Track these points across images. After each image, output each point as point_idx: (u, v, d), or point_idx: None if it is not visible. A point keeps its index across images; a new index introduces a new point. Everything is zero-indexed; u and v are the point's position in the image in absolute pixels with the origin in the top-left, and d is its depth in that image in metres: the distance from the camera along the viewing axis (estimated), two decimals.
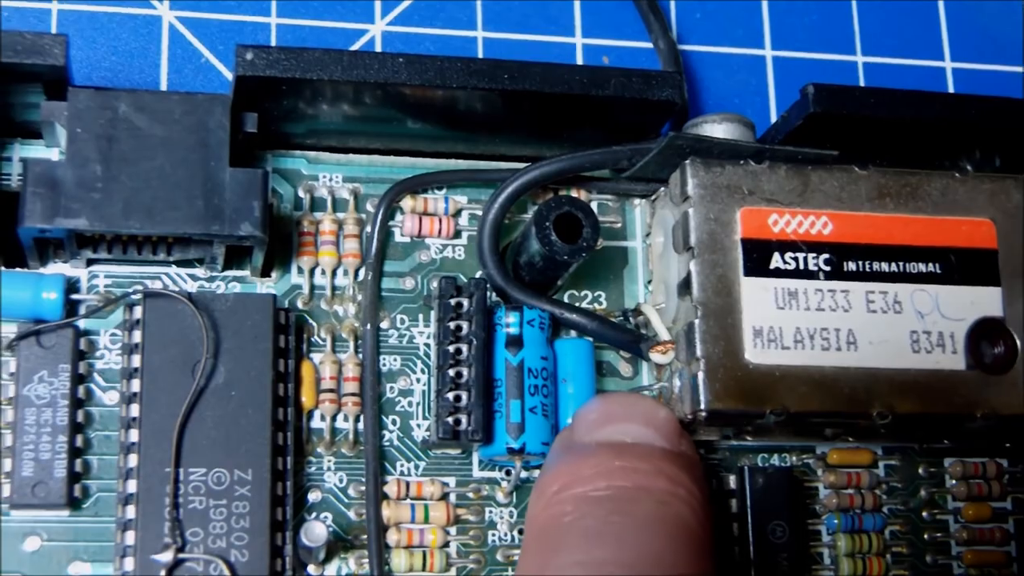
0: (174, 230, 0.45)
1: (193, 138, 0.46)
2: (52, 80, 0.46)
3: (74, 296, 0.48)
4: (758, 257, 0.48)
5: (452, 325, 0.49)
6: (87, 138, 0.45)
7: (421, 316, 0.51)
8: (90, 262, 0.49)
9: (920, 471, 0.54)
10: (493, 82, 0.48)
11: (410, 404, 0.50)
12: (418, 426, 0.50)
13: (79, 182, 0.45)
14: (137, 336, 0.47)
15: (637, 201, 0.53)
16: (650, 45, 0.56)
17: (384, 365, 0.50)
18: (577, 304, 0.52)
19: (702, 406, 0.47)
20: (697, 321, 0.47)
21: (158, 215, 0.45)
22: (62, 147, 0.46)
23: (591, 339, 0.51)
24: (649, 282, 0.53)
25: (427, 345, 0.51)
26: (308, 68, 0.46)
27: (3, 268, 0.48)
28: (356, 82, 0.47)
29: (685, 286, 0.48)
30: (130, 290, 0.48)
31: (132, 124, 0.46)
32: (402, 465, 0.50)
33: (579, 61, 0.57)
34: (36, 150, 0.49)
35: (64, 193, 0.44)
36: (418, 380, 0.50)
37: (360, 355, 0.50)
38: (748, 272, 0.48)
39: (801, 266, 0.49)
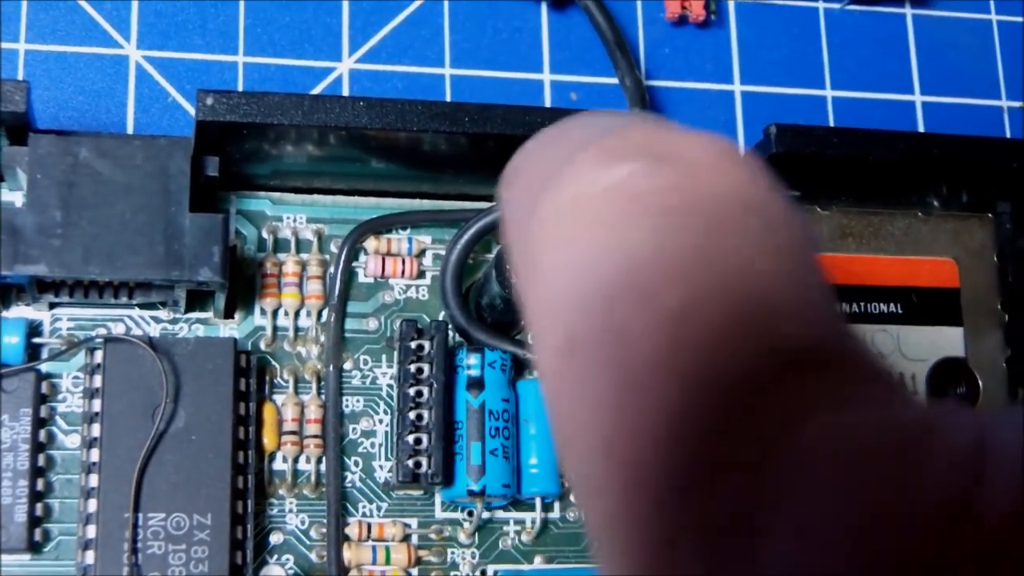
0: (134, 276, 0.46)
1: (154, 183, 0.46)
2: (13, 126, 0.46)
3: (36, 340, 0.48)
4: None
5: (413, 368, 0.49)
6: (48, 184, 0.45)
7: (384, 357, 0.51)
8: (52, 305, 0.49)
9: None
10: (455, 125, 0.48)
11: (373, 445, 0.50)
12: (380, 467, 0.50)
13: (39, 228, 0.45)
14: (98, 380, 0.47)
15: None
16: (618, 81, 0.56)
17: (347, 406, 0.50)
18: None
19: None
20: None
21: (118, 260, 0.45)
22: (24, 190, 0.46)
23: None
24: None
25: (390, 386, 0.51)
26: (269, 113, 0.46)
27: None
28: (318, 126, 0.47)
29: None
30: (91, 335, 0.49)
31: (93, 169, 0.46)
32: (364, 506, 0.50)
33: (547, 97, 0.57)
34: (1, 193, 0.50)
35: (24, 240, 0.45)
36: (381, 421, 0.50)
37: (323, 396, 0.50)
38: None
39: None
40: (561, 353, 0.26)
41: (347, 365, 0.51)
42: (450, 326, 0.51)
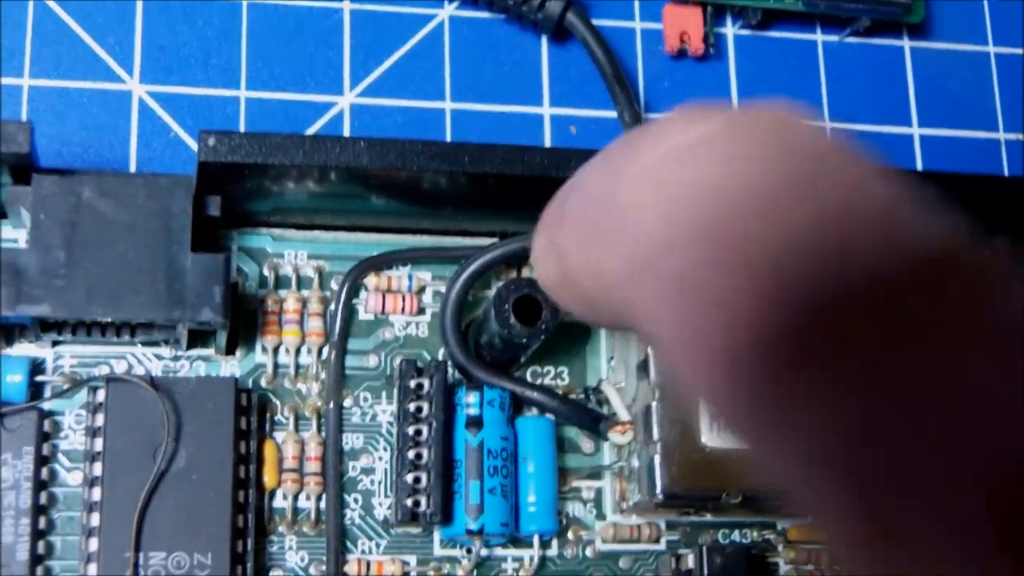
0: (136, 316, 0.46)
1: (156, 223, 0.47)
2: (17, 165, 0.46)
3: (39, 378, 0.49)
4: None
5: (412, 406, 0.49)
6: (51, 224, 0.46)
7: (384, 394, 0.51)
8: (56, 342, 0.49)
9: None
10: (454, 164, 0.48)
11: (372, 482, 0.51)
12: (380, 504, 0.50)
13: (42, 269, 0.45)
14: (100, 419, 0.47)
15: None
16: (617, 115, 0.56)
17: (347, 443, 0.51)
18: (539, 379, 0.53)
19: (658, 489, 0.47)
20: (654, 404, 0.48)
21: (120, 301, 0.46)
22: (28, 230, 0.46)
23: (552, 417, 0.51)
24: (611, 358, 0.53)
25: (390, 423, 0.51)
26: (270, 153, 0.47)
27: None
28: (318, 166, 0.47)
29: (643, 367, 0.49)
30: (94, 372, 0.49)
31: (95, 210, 0.46)
32: (363, 544, 0.50)
33: (547, 131, 0.57)
34: (4, 230, 0.50)
35: (27, 280, 0.45)
36: (380, 458, 0.51)
37: (323, 434, 0.50)
38: None
39: None
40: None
41: (347, 402, 0.51)
42: (450, 364, 0.51)
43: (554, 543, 0.51)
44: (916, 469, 0.25)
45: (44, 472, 0.48)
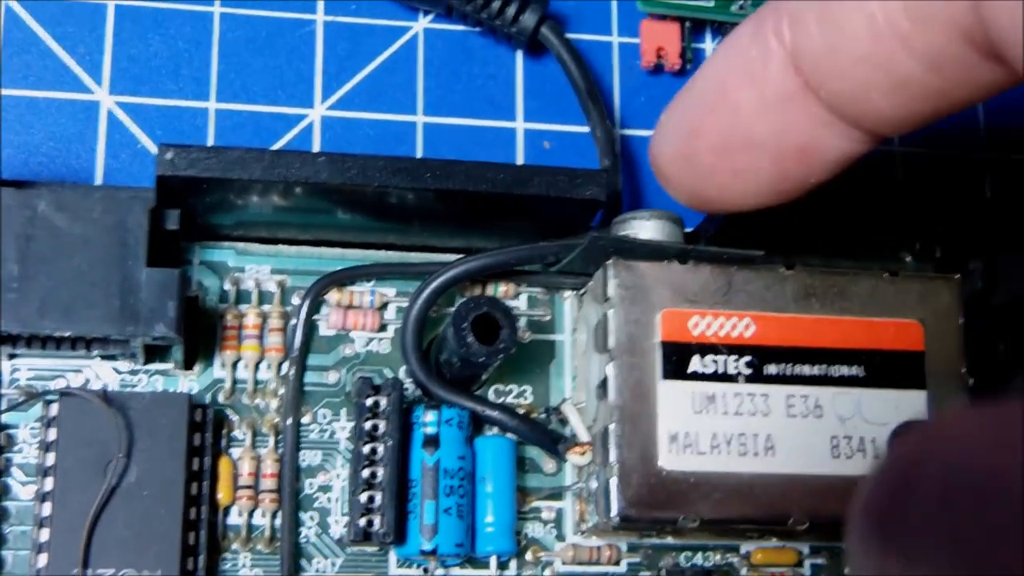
0: (89, 331, 0.46)
1: (111, 237, 0.46)
2: None
3: None
4: (677, 360, 0.48)
5: (368, 425, 0.49)
6: (6, 237, 0.45)
7: (344, 411, 0.51)
8: (12, 355, 0.49)
9: (847, 571, 0.54)
10: (416, 181, 0.48)
11: (329, 500, 0.50)
12: (336, 522, 0.50)
13: None
14: (53, 434, 0.47)
15: (567, 293, 0.53)
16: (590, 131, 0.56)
17: (304, 460, 0.50)
18: (502, 398, 0.52)
19: (614, 512, 0.47)
20: (612, 426, 0.47)
21: (73, 315, 0.45)
22: None
23: (513, 436, 0.51)
24: (575, 377, 0.52)
25: (349, 440, 0.50)
26: (229, 167, 0.46)
27: None
28: (278, 181, 0.47)
29: (602, 388, 0.48)
30: (49, 386, 0.49)
31: (51, 223, 0.46)
32: (319, 562, 0.50)
33: (520, 146, 0.57)
34: None
35: None
36: (338, 476, 0.50)
37: (280, 450, 0.50)
38: (666, 375, 0.48)
39: (721, 369, 0.48)
40: None
41: (306, 418, 0.51)
42: (410, 381, 0.50)
43: (512, 564, 0.51)
44: None
45: None
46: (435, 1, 0.56)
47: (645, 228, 0.50)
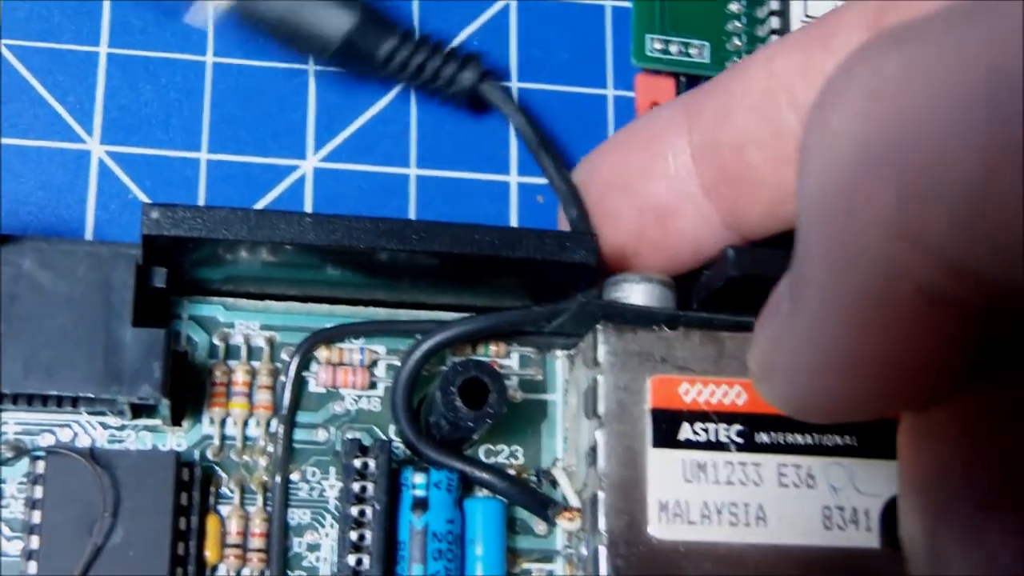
0: (72, 391, 0.45)
1: (96, 296, 0.46)
2: None
3: None
4: (667, 428, 0.48)
5: (356, 487, 0.48)
6: None
7: (333, 469, 0.50)
8: None
9: None
10: (402, 243, 0.47)
11: (318, 559, 0.50)
12: None
13: None
14: (39, 491, 0.47)
15: (559, 353, 0.53)
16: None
17: (293, 519, 0.50)
18: (493, 458, 0.52)
19: None
20: (601, 494, 0.47)
21: (56, 375, 0.45)
22: None
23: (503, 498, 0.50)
24: (567, 438, 0.52)
25: (338, 499, 0.50)
26: (215, 228, 0.46)
27: None
28: (264, 242, 0.46)
29: (592, 454, 0.48)
30: (37, 442, 0.49)
31: (35, 281, 0.46)
32: None
33: (513, 199, 0.56)
34: None
35: None
36: (327, 535, 0.50)
37: (269, 508, 0.49)
38: (656, 443, 0.47)
39: (712, 437, 0.48)
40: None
41: (294, 476, 0.50)
42: (399, 441, 0.50)
43: None
44: None
45: None
46: (374, 71, 0.56)
47: (636, 291, 0.49)
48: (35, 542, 0.46)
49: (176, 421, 0.50)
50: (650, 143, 0.51)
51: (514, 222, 0.56)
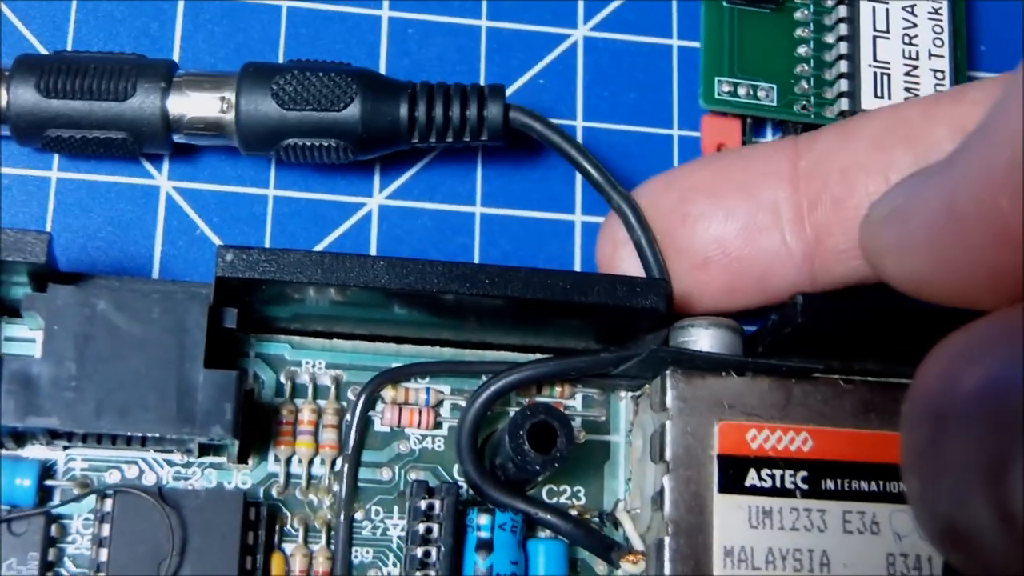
0: (145, 431, 0.46)
1: (169, 338, 0.46)
2: (35, 273, 0.46)
3: (48, 482, 0.49)
4: (734, 474, 0.48)
5: (422, 528, 0.49)
6: (64, 336, 0.46)
7: (396, 508, 0.51)
8: (66, 447, 0.49)
9: None
10: (474, 287, 0.47)
11: None
12: None
13: (53, 381, 0.45)
14: (106, 529, 0.47)
15: (623, 394, 0.53)
16: None
17: (356, 557, 0.50)
18: (555, 498, 0.52)
19: None
20: (667, 539, 0.47)
21: (129, 416, 0.45)
22: (42, 338, 0.46)
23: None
24: (629, 480, 0.52)
25: (400, 537, 0.50)
26: (288, 270, 0.46)
27: None
28: (336, 284, 0.47)
29: (658, 499, 0.48)
30: (104, 479, 0.49)
31: (110, 322, 0.46)
32: None
33: (577, 239, 0.56)
34: (20, 329, 0.50)
35: (37, 391, 0.45)
36: (389, 574, 0.50)
37: (332, 547, 0.50)
38: (722, 489, 0.48)
39: (778, 484, 0.48)
40: None
41: (358, 515, 0.50)
42: (463, 481, 0.50)
43: None
44: None
45: None
46: (398, 142, 0.54)
47: (703, 336, 0.50)
48: None
49: (242, 459, 0.50)
50: (751, 161, 0.51)
51: (578, 261, 0.56)
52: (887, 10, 0.59)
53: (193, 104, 0.52)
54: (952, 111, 0.46)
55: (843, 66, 0.58)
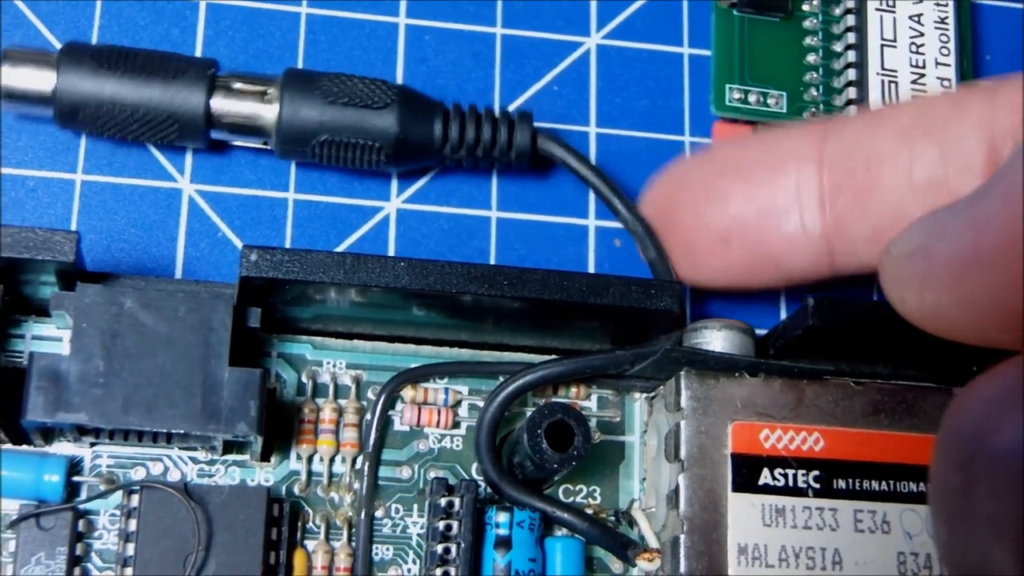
0: (171, 428, 0.46)
1: (195, 336, 0.47)
2: (63, 272, 0.47)
3: (76, 478, 0.50)
4: (747, 473, 0.49)
5: (442, 525, 0.49)
6: (92, 333, 0.46)
7: (416, 506, 0.52)
8: (93, 443, 0.50)
9: None
10: (493, 288, 0.48)
11: None
12: None
13: (81, 377, 0.46)
14: (133, 524, 0.48)
15: (637, 395, 0.54)
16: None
17: (376, 554, 0.51)
18: (571, 497, 0.53)
19: None
20: (682, 536, 0.48)
21: (156, 412, 0.46)
22: (70, 336, 0.47)
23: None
24: (644, 479, 0.53)
25: (420, 535, 0.51)
26: (311, 271, 0.47)
27: (9, 445, 0.49)
28: (358, 285, 0.48)
29: (673, 498, 0.49)
30: (130, 475, 0.50)
31: (137, 320, 0.47)
32: None
33: (591, 244, 0.57)
34: (48, 328, 0.51)
35: (67, 388, 0.46)
36: (409, 571, 0.51)
37: (353, 544, 0.51)
38: (736, 488, 0.49)
39: (790, 483, 0.49)
40: None
41: (379, 513, 0.51)
42: (482, 480, 0.51)
43: None
44: None
45: (77, 572, 0.48)
46: (428, 157, 0.56)
47: (716, 338, 0.51)
48: (128, 574, 0.48)
49: (265, 457, 0.51)
50: (778, 142, 0.52)
51: (592, 264, 0.57)
52: (894, 19, 0.60)
53: (236, 101, 0.53)
54: (982, 108, 0.47)
55: (851, 74, 0.59)
